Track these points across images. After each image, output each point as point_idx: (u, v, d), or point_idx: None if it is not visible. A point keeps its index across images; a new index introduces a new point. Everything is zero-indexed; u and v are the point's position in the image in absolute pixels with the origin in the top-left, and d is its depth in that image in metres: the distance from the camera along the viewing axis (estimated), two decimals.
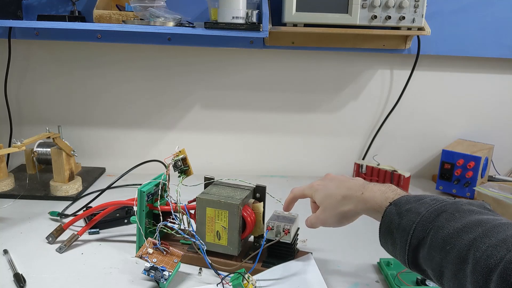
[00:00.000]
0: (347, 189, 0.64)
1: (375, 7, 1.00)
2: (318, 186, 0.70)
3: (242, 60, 1.20)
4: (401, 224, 0.51)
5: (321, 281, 0.69)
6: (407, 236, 0.50)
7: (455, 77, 1.23)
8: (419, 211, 0.50)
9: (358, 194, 0.61)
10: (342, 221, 0.65)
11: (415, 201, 0.52)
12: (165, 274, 0.67)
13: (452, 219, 0.47)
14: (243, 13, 0.95)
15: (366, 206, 0.59)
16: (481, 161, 1.07)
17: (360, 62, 1.22)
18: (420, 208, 0.51)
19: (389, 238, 0.54)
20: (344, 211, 0.63)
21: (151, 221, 0.78)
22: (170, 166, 0.79)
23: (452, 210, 0.48)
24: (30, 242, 0.82)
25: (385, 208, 0.55)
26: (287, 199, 0.75)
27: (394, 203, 0.54)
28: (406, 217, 0.51)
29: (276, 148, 1.29)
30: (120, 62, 1.19)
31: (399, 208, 0.53)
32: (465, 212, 0.48)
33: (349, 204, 0.62)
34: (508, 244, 0.41)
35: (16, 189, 1.06)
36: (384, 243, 0.56)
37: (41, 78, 1.20)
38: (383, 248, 0.57)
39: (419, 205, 0.51)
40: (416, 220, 0.50)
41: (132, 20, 0.99)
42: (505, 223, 0.45)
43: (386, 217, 0.54)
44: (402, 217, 0.51)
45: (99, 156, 1.26)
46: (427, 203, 0.51)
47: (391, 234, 0.53)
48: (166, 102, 1.23)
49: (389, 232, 0.53)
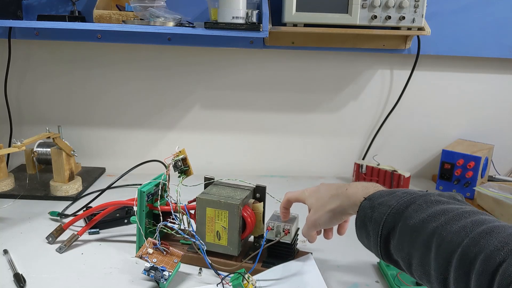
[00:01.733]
0: (335, 188, 0.66)
1: (375, 7, 1.00)
2: (310, 191, 0.72)
3: (242, 60, 1.20)
4: (373, 216, 0.54)
5: (321, 281, 0.69)
6: (379, 228, 0.52)
7: (455, 77, 1.23)
8: (390, 204, 0.52)
9: (343, 190, 0.63)
10: (332, 220, 0.66)
11: (387, 194, 0.55)
12: (165, 274, 0.67)
13: (420, 209, 0.49)
14: (243, 13, 0.95)
15: (350, 201, 0.61)
16: (481, 161, 1.07)
17: (360, 62, 1.22)
18: (391, 200, 0.53)
19: (364, 231, 0.56)
20: (332, 208, 0.64)
21: (151, 221, 0.78)
22: (170, 166, 0.79)
23: (421, 202, 0.50)
24: (30, 242, 0.82)
25: (360, 202, 0.57)
26: (282, 203, 0.75)
27: (368, 198, 0.56)
28: (378, 210, 0.53)
29: (276, 148, 1.29)
30: (120, 62, 1.19)
31: (372, 202, 0.55)
32: (433, 202, 0.50)
33: (336, 201, 0.64)
34: (467, 230, 0.43)
35: (16, 189, 1.06)
36: (360, 237, 0.58)
37: (41, 78, 1.20)
38: (360, 242, 0.59)
39: (391, 198, 0.53)
40: (387, 212, 0.52)
41: (132, 20, 0.99)
42: (468, 211, 0.47)
43: (361, 211, 0.56)
44: (374, 210, 0.54)
45: (99, 156, 1.26)
46: (398, 196, 0.53)
47: (365, 227, 0.55)
48: (166, 102, 1.23)
49: (363, 225, 0.56)
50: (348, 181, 1.24)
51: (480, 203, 1.05)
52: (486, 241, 0.41)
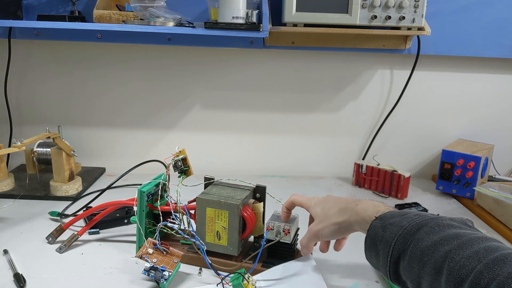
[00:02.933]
0: (344, 202, 0.66)
1: (375, 7, 1.00)
2: (317, 200, 0.72)
3: (242, 60, 1.20)
4: (384, 236, 0.54)
5: (321, 281, 0.69)
6: (389, 248, 0.52)
7: (455, 77, 1.23)
8: (402, 225, 0.52)
9: (353, 206, 0.63)
10: (335, 233, 0.66)
11: (399, 215, 0.55)
12: (165, 274, 0.67)
13: (432, 232, 0.50)
14: (243, 13, 0.95)
15: (358, 218, 0.61)
16: (481, 161, 1.07)
17: (360, 62, 1.22)
18: (403, 221, 0.53)
19: (373, 251, 0.56)
20: (339, 222, 0.64)
21: (151, 221, 0.78)
22: (170, 166, 0.79)
23: (433, 225, 0.51)
24: (30, 242, 0.82)
25: (371, 221, 0.57)
26: (286, 204, 0.75)
27: (380, 217, 0.56)
28: (389, 230, 0.53)
29: (276, 148, 1.29)
30: (120, 62, 1.19)
31: (384, 222, 0.55)
32: (445, 226, 0.50)
33: (343, 215, 0.64)
34: (480, 256, 0.43)
35: (16, 189, 1.06)
36: (369, 256, 0.58)
37: (41, 78, 1.20)
38: (368, 262, 0.59)
39: (402, 219, 0.53)
40: (398, 232, 0.52)
41: (132, 20, 0.99)
42: (480, 237, 0.47)
43: (371, 230, 0.56)
44: (386, 230, 0.54)
45: (99, 156, 1.26)
46: (410, 217, 0.53)
47: (375, 246, 0.55)
48: (166, 102, 1.23)
49: (373, 244, 0.56)
50: (348, 181, 1.24)
51: (480, 203, 1.05)
52: (499, 269, 0.41)
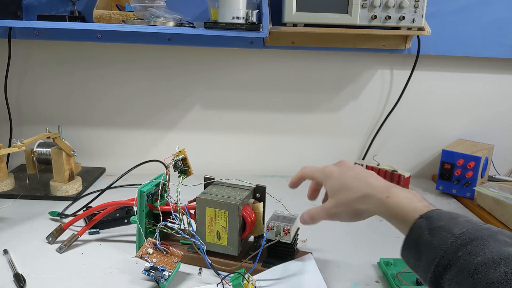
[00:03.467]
0: (369, 187, 0.59)
1: (375, 7, 1.00)
2: (332, 172, 0.64)
3: (242, 60, 1.20)
4: (432, 241, 0.49)
5: (321, 281, 0.69)
6: (437, 255, 0.48)
7: (455, 77, 1.23)
8: (453, 231, 0.48)
9: (382, 197, 0.57)
10: (353, 218, 0.61)
11: (447, 218, 0.51)
12: (165, 274, 0.67)
13: (487, 247, 0.46)
14: (243, 13, 0.95)
15: (389, 212, 0.56)
16: (481, 161, 1.07)
17: (360, 62, 1.22)
18: (454, 228, 0.49)
19: (414, 252, 0.52)
20: (360, 210, 0.59)
21: (151, 221, 0.78)
22: (170, 166, 0.79)
23: (487, 237, 0.47)
24: (30, 242, 0.82)
25: (414, 220, 0.52)
26: (295, 176, 0.71)
27: (426, 217, 0.52)
28: (438, 235, 0.49)
29: (276, 148, 1.29)
30: (120, 62, 1.19)
31: (431, 224, 0.51)
32: (501, 242, 0.46)
33: (368, 204, 0.58)
34: None
35: (16, 189, 1.06)
36: (406, 255, 0.54)
37: (41, 78, 1.20)
38: (402, 259, 0.55)
39: (452, 224, 0.49)
40: (449, 240, 0.48)
41: (132, 20, 0.99)
42: None
43: (415, 230, 0.52)
44: (434, 234, 0.49)
45: (99, 156, 1.26)
46: (461, 224, 0.49)
47: (418, 249, 0.51)
48: (166, 102, 1.23)
49: (416, 246, 0.51)
50: None
51: (480, 203, 1.05)
52: None
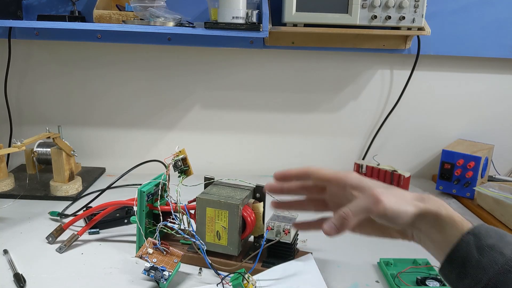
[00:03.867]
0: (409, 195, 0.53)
1: (375, 7, 1.00)
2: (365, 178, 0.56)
3: (242, 60, 1.20)
4: (481, 262, 0.47)
5: (321, 281, 0.69)
6: (485, 276, 0.46)
7: (455, 77, 1.23)
8: (504, 252, 0.46)
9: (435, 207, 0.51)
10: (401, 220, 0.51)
11: (496, 235, 0.48)
12: (165, 274, 0.67)
13: None
14: (243, 13, 0.95)
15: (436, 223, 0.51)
16: (481, 161, 1.07)
17: (360, 62, 1.22)
18: (504, 248, 0.47)
19: (458, 270, 0.49)
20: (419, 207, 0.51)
21: (151, 221, 0.78)
22: (170, 166, 0.79)
23: None
24: (30, 242, 0.82)
25: (461, 235, 0.49)
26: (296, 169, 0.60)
27: (474, 233, 0.49)
28: (488, 255, 0.47)
29: (276, 148, 1.29)
30: (120, 62, 1.19)
31: (479, 241, 0.48)
32: None
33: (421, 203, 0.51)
34: None
35: (16, 189, 1.06)
36: (448, 271, 0.50)
37: (41, 78, 1.20)
38: (440, 273, 0.51)
39: (503, 243, 0.47)
40: (500, 262, 0.46)
41: (132, 20, 0.99)
42: None
43: (462, 247, 0.48)
44: (483, 254, 0.47)
45: (99, 156, 1.26)
46: (511, 243, 0.47)
47: (463, 268, 0.48)
48: (166, 102, 1.23)
49: (462, 264, 0.48)
50: None
51: (480, 203, 1.05)
52: None
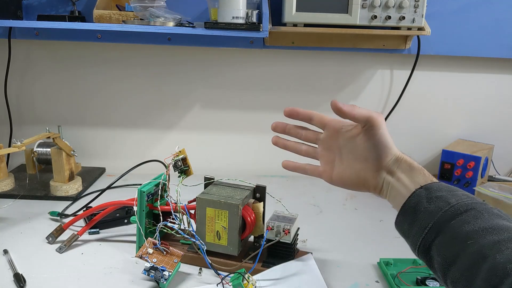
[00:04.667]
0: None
1: (375, 7, 1.00)
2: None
3: (242, 60, 1.20)
4: (428, 208, 0.52)
5: (321, 281, 0.69)
6: (430, 221, 0.51)
7: (455, 77, 1.23)
8: (450, 201, 0.51)
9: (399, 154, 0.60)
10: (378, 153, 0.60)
11: (446, 190, 0.53)
12: (165, 274, 0.67)
13: (480, 217, 0.48)
14: (243, 13, 0.95)
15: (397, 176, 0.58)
16: (481, 161, 1.07)
17: (360, 62, 1.22)
18: (451, 198, 0.51)
19: (409, 218, 0.54)
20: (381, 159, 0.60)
21: (151, 221, 0.78)
22: (170, 166, 0.79)
23: (481, 210, 0.49)
24: (30, 242, 0.82)
25: (415, 189, 0.54)
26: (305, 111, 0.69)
27: (426, 187, 0.54)
28: (435, 203, 0.52)
29: (276, 148, 1.28)
30: (120, 62, 1.19)
31: (430, 193, 0.53)
32: (494, 215, 0.49)
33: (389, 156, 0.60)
34: None
35: (16, 189, 1.06)
36: (401, 222, 0.55)
37: (41, 78, 1.20)
38: (396, 226, 0.56)
39: (450, 195, 0.52)
40: (445, 208, 0.50)
41: (132, 20, 0.99)
42: None
43: (414, 197, 0.54)
44: (431, 202, 0.52)
45: (99, 156, 1.26)
46: (458, 196, 0.52)
47: (414, 215, 0.53)
48: (166, 102, 1.23)
49: (412, 212, 0.53)
50: None
51: None
52: None
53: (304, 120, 0.69)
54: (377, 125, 0.59)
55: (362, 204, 1.06)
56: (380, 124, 0.59)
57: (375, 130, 0.59)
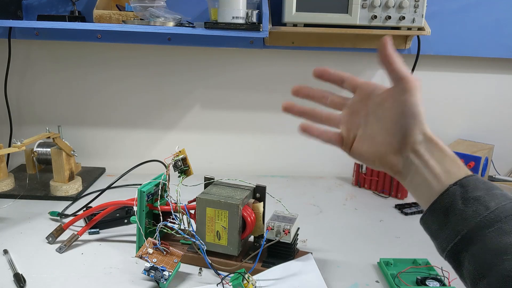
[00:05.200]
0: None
1: (375, 7, 1.00)
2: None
3: (242, 60, 1.20)
4: (464, 212, 0.46)
5: (321, 281, 0.69)
6: (466, 227, 0.45)
7: (455, 77, 1.23)
8: (488, 205, 0.45)
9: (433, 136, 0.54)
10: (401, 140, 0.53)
11: (484, 189, 0.47)
12: (165, 274, 0.67)
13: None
14: (243, 13, 0.95)
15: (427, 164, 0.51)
16: (481, 161, 1.07)
17: (360, 62, 1.22)
18: (490, 201, 0.45)
19: (440, 219, 0.48)
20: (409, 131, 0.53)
21: (151, 221, 0.78)
22: (170, 166, 0.79)
23: None
24: (30, 242, 0.82)
25: (449, 186, 0.48)
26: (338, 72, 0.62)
27: (461, 184, 0.47)
28: (472, 206, 0.46)
29: (276, 148, 1.29)
30: (120, 62, 1.19)
31: (466, 193, 0.47)
32: None
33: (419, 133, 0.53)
34: None
35: (16, 189, 1.06)
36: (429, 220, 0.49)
37: (41, 78, 1.20)
38: (421, 222, 0.50)
39: (489, 196, 0.46)
40: (483, 214, 0.45)
41: (132, 20, 0.99)
42: None
43: (448, 196, 0.47)
44: (468, 204, 0.46)
45: (99, 156, 1.26)
46: (498, 198, 0.46)
47: (446, 216, 0.47)
48: (166, 102, 1.23)
49: (444, 213, 0.47)
50: (348, 181, 1.24)
51: None
52: None
53: (335, 81, 0.62)
54: (410, 89, 0.52)
55: (362, 204, 1.06)
56: (413, 90, 0.52)
57: (406, 95, 0.52)
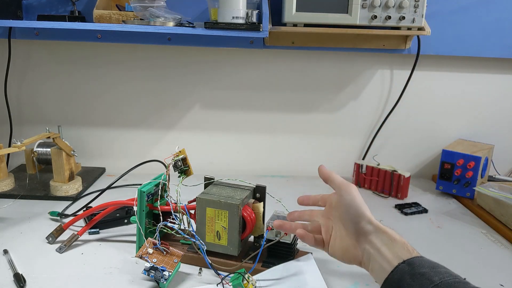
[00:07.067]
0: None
1: (375, 7, 1.00)
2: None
3: (242, 60, 1.20)
4: (412, 286, 0.52)
5: (321, 281, 0.69)
6: None
7: (455, 77, 1.24)
8: (433, 279, 0.51)
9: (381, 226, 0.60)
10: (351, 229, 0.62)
11: (429, 267, 0.53)
12: (165, 274, 0.67)
13: None
14: (243, 13, 0.95)
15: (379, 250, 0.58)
16: (481, 161, 1.07)
17: (360, 62, 1.22)
18: (434, 276, 0.51)
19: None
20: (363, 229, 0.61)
21: (151, 221, 0.78)
22: (170, 166, 0.79)
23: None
24: (30, 242, 0.82)
25: (398, 264, 0.55)
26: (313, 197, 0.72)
27: (408, 263, 0.54)
28: (418, 281, 0.52)
29: (276, 148, 1.29)
30: (120, 62, 1.19)
31: (413, 269, 0.53)
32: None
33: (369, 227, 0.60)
34: None
35: (16, 189, 1.06)
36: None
37: (41, 78, 1.20)
38: None
39: (433, 272, 0.52)
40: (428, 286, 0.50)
41: (132, 20, 0.99)
42: None
43: (397, 273, 0.54)
44: (415, 279, 0.52)
45: (99, 156, 1.26)
46: (441, 274, 0.52)
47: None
48: (166, 102, 1.23)
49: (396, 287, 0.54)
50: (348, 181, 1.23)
51: (480, 203, 1.05)
52: None
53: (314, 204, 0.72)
54: (347, 190, 0.64)
55: None
56: (349, 190, 0.64)
57: (345, 195, 0.63)
